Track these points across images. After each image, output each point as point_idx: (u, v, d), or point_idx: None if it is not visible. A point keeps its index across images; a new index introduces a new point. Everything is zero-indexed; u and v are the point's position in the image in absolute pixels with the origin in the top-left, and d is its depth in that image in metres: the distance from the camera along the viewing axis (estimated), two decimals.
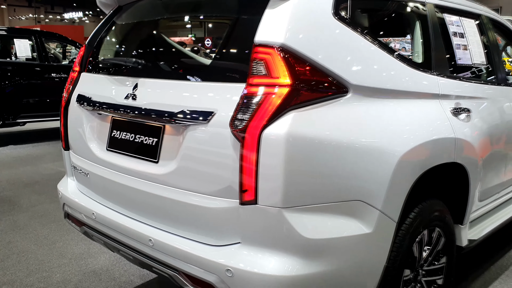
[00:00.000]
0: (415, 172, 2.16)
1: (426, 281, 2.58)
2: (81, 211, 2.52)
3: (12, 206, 4.87)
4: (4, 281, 3.26)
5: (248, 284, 1.80)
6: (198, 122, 1.90)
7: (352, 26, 2.04)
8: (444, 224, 2.56)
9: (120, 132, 2.32)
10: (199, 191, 1.92)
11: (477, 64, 2.99)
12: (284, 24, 1.82)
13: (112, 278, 3.30)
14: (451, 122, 2.47)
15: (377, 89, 2.08)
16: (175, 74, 2.26)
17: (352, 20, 2.07)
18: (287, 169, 1.72)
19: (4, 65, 7.90)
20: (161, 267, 2.09)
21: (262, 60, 1.78)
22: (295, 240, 1.78)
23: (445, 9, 2.84)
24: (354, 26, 2.06)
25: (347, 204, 1.91)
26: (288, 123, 1.73)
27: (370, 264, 2.06)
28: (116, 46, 2.74)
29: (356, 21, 2.11)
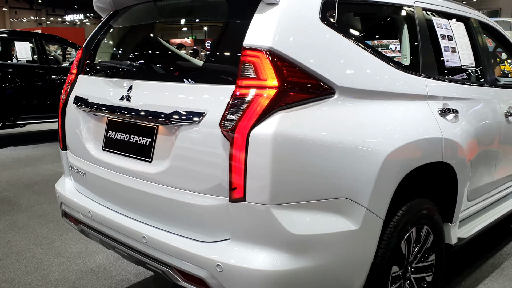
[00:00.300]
0: (401, 171, 2.23)
1: (415, 278, 2.64)
2: (77, 210, 2.59)
3: (12, 206, 4.95)
4: (3, 279, 3.32)
5: (237, 278, 1.86)
6: (189, 123, 1.97)
7: (339, 30, 2.11)
8: (433, 222, 2.61)
9: (116, 132, 2.38)
10: (191, 189, 1.99)
11: (465, 66, 3.05)
12: (272, 28, 1.89)
13: (109, 277, 3.36)
14: (438, 123, 2.53)
15: (364, 91, 2.14)
16: (168, 76, 2.34)
17: (339, 24, 2.13)
18: (274, 168, 1.79)
19: (4, 67, 7.98)
20: (154, 263, 2.16)
21: (250, 63, 1.85)
22: (283, 236, 1.84)
23: (434, 12, 2.90)
24: (341, 30, 2.12)
25: (333, 201, 1.97)
26: (275, 123, 1.80)
27: (357, 260, 2.12)
28: (112, 49, 2.81)
29: (343, 25, 2.17)
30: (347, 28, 2.21)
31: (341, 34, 2.11)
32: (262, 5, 1.95)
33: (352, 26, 2.36)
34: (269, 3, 1.94)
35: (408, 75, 2.45)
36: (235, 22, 2.11)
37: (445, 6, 3.07)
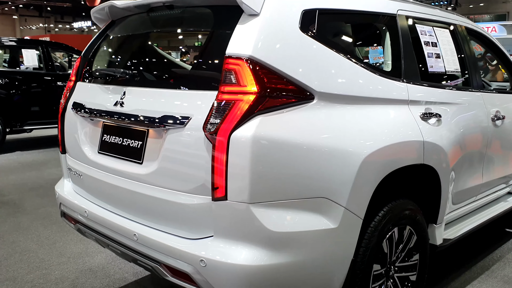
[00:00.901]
0: (380, 173, 2.33)
1: (399, 277, 2.73)
2: (75, 210, 2.72)
3: (17, 208, 5.10)
4: (6, 277, 3.46)
5: (219, 273, 1.97)
6: (176, 126, 2.09)
7: (319, 39, 2.22)
8: (415, 223, 2.70)
9: (110, 136, 2.51)
10: (177, 189, 2.11)
11: (450, 71, 3.14)
12: (253, 37, 2.01)
13: (107, 275, 3.49)
14: (419, 126, 2.62)
15: (343, 96, 2.25)
16: (157, 83, 2.46)
17: (319, 33, 2.25)
18: (253, 168, 1.90)
19: (12, 74, 8.19)
20: (144, 259, 2.28)
21: (232, 70, 1.97)
22: (262, 232, 1.95)
23: (418, 20, 3.00)
24: (321, 39, 2.23)
25: (311, 200, 2.08)
26: (254, 126, 1.92)
27: (337, 257, 2.22)
28: (108, 57, 2.94)
29: (324, 34, 2.28)
30: (328, 37, 2.32)
31: (321, 42, 2.22)
32: (244, 16, 2.07)
33: (333, 34, 2.47)
34: (251, 15, 2.06)
35: (388, 81, 2.55)
36: (220, 32, 2.23)
37: (430, 13, 3.17)
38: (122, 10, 2.69)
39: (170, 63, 2.69)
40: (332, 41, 2.32)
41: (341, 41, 2.52)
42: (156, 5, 2.49)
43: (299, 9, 2.20)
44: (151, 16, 2.60)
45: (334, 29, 2.53)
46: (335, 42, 2.35)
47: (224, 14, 2.17)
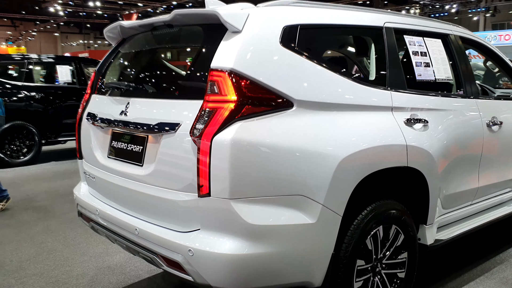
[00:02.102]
0: (358, 174, 2.51)
1: (387, 273, 2.89)
2: (88, 209, 3.02)
3: (47, 213, 5.49)
4: (34, 273, 3.80)
5: (205, 261, 2.21)
6: (169, 132, 2.36)
7: (299, 52, 2.45)
8: (401, 222, 2.86)
9: (117, 142, 2.81)
10: (170, 187, 2.37)
11: (441, 79, 3.29)
12: (234, 52, 2.26)
13: (123, 272, 3.78)
14: (402, 131, 2.79)
15: (321, 103, 2.46)
16: (155, 93, 2.74)
17: (300, 46, 2.47)
18: (232, 167, 2.14)
19: (48, 89, 8.73)
20: (144, 251, 2.54)
21: (215, 82, 2.23)
22: (241, 225, 2.18)
23: (406, 32, 3.18)
24: (301, 51, 2.46)
25: (289, 197, 2.29)
26: (234, 131, 2.16)
27: (316, 250, 2.42)
28: (117, 71, 3.24)
29: (305, 47, 2.51)
30: (309, 50, 2.54)
31: (301, 55, 2.45)
32: (228, 33, 2.33)
33: (314, 47, 2.68)
34: (234, 32, 2.32)
35: (371, 89, 2.74)
36: (208, 47, 2.48)
37: (420, 25, 3.34)
38: (129, 29, 2.99)
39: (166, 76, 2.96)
40: (313, 54, 2.53)
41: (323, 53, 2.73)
42: (158, 24, 2.78)
43: (280, 26, 2.44)
44: (154, 34, 2.89)
45: (316, 43, 2.74)
46: (316, 54, 2.56)
47: (212, 32, 2.42)
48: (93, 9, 34.26)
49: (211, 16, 2.37)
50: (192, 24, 2.64)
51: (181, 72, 2.82)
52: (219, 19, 2.31)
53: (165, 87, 2.80)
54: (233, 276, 2.23)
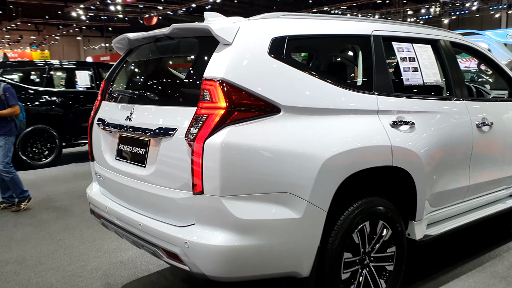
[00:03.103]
0: (343, 172, 2.71)
1: (375, 266, 3.08)
2: (99, 207, 3.28)
3: (66, 212, 5.81)
4: (52, 267, 4.09)
5: (198, 251, 2.45)
6: (168, 136, 2.60)
7: (287, 61, 2.66)
8: (388, 218, 3.05)
9: (124, 145, 3.06)
10: (169, 186, 2.61)
11: (429, 83, 3.46)
12: (225, 63, 2.50)
13: (134, 267, 4.04)
14: (388, 133, 2.98)
15: (308, 108, 2.67)
16: (156, 101, 2.99)
17: (288, 56, 2.69)
18: (222, 168, 2.37)
19: (67, 94, 9.12)
20: (147, 244, 2.78)
21: (207, 90, 2.46)
22: (231, 219, 2.41)
23: (395, 39, 3.36)
24: (289, 61, 2.68)
25: (276, 194, 2.51)
26: (224, 134, 2.39)
27: (302, 243, 2.63)
28: (124, 79, 3.51)
29: (291, 56, 2.73)
30: (295, 59, 2.75)
31: (288, 64, 2.66)
32: (219, 46, 2.57)
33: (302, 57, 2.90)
34: (225, 44, 2.55)
35: (356, 94, 2.94)
36: (202, 58, 2.72)
37: (409, 31, 3.52)
38: (135, 41, 3.25)
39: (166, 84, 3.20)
40: (299, 62, 2.75)
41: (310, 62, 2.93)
42: (160, 36, 3.03)
43: (268, 37, 2.66)
44: (157, 45, 3.14)
45: (304, 52, 2.95)
46: (301, 62, 2.78)
47: (206, 44, 2.65)
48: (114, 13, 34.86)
49: (204, 30, 2.61)
50: (189, 37, 2.89)
51: (179, 80, 3.06)
52: (211, 33, 2.55)
53: (164, 94, 3.05)
54: (225, 266, 2.46)
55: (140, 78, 3.40)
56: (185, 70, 2.89)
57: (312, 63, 3.01)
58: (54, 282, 3.80)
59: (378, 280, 3.09)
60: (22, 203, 5.94)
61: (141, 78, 3.40)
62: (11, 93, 5.74)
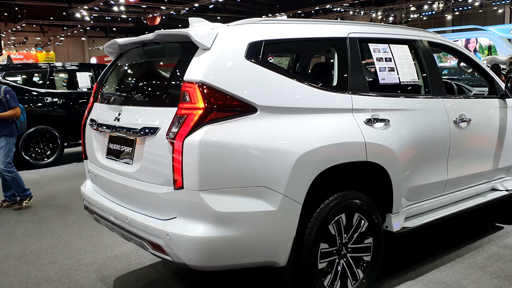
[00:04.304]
0: (316, 167, 2.87)
1: (353, 256, 3.25)
2: (92, 203, 3.47)
3: (67, 210, 6.02)
4: (50, 261, 4.29)
5: (180, 243, 2.63)
6: (151, 135, 2.78)
7: (263, 64, 2.83)
8: (364, 211, 3.21)
9: (113, 144, 3.25)
10: (153, 182, 2.79)
11: (405, 81, 3.61)
12: (204, 66, 2.67)
13: (128, 260, 4.24)
14: (361, 130, 3.14)
15: (283, 108, 2.84)
16: (141, 102, 3.17)
17: (264, 59, 2.87)
18: (200, 164, 2.55)
19: (69, 95, 9.34)
20: (134, 237, 2.97)
21: (187, 92, 2.64)
22: (209, 212, 2.59)
23: (371, 40, 3.52)
24: (265, 64, 2.85)
25: (253, 188, 2.68)
26: (202, 133, 2.56)
27: (278, 234, 2.80)
28: (114, 82, 3.69)
29: (268, 60, 2.90)
30: (271, 62, 2.93)
31: (264, 67, 2.84)
32: (199, 50, 2.74)
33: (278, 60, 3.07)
34: (204, 49, 2.73)
35: (331, 94, 3.10)
36: (183, 62, 2.88)
37: (386, 33, 3.67)
38: (124, 45, 3.44)
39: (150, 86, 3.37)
40: (275, 65, 2.92)
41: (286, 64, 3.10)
42: (146, 41, 3.21)
43: (245, 42, 2.83)
44: (144, 50, 3.32)
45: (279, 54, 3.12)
46: (277, 65, 2.95)
47: (187, 49, 2.82)
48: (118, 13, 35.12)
49: (184, 36, 2.79)
50: (172, 42, 3.07)
51: (162, 83, 3.24)
52: (190, 38, 2.72)
53: (149, 96, 3.23)
54: (204, 256, 2.64)
55: (128, 80, 3.59)
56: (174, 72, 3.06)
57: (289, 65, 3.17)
58: (52, 275, 3.99)
59: (355, 270, 3.26)
60: (24, 201, 6.15)
61: (128, 81, 3.58)
62: (12, 95, 5.94)
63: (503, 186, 4.55)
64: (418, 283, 3.60)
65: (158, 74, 3.34)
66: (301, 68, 3.50)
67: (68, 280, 3.87)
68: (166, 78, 3.14)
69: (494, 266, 3.87)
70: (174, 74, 2.98)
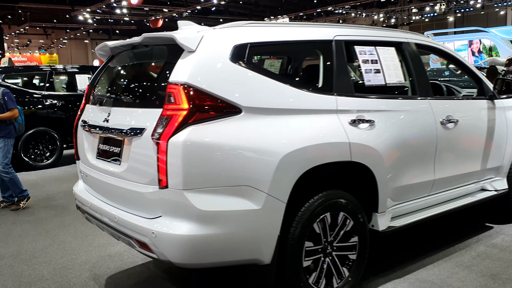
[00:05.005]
0: (300, 167, 2.93)
1: (338, 255, 3.30)
2: (83, 203, 3.54)
3: (63, 210, 6.10)
4: (44, 260, 4.37)
5: (164, 241, 2.69)
6: (138, 135, 2.85)
7: (248, 66, 2.90)
8: (349, 210, 3.27)
9: (103, 145, 3.32)
10: (139, 181, 2.86)
11: (391, 83, 3.67)
12: (188, 69, 2.74)
13: (121, 259, 4.31)
14: (346, 131, 3.19)
15: (268, 109, 2.90)
16: (129, 103, 3.24)
17: (249, 61, 2.93)
18: (184, 163, 2.61)
19: (68, 97, 9.43)
20: (123, 236, 3.03)
21: (172, 93, 2.71)
22: (193, 211, 2.65)
23: (357, 43, 3.57)
24: (250, 66, 2.91)
25: (236, 188, 2.74)
26: (186, 133, 2.63)
27: (263, 232, 2.86)
28: (105, 84, 3.76)
29: (253, 62, 2.96)
30: (257, 64, 2.99)
31: (249, 69, 2.90)
32: (184, 53, 2.81)
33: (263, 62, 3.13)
34: (189, 51, 2.80)
35: (315, 95, 3.16)
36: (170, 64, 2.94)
37: (373, 35, 3.73)
38: (115, 48, 3.51)
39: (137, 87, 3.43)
40: (261, 67, 2.99)
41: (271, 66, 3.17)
42: (136, 44, 3.29)
43: (230, 45, 2.90)
44: (134, 52, 3.40)
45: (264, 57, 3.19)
46: (263, 67, 3.01)
47: (174, 51, 2.89)
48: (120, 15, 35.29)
49: (170, 39, 2.86)
50: (159, 44, 3.14)
51: (149, 84, 3.31)
52: (175, 41, 2.79)
53: (136, 97, 3.30)
54: (189, 253, 2.71)
55: (117, 82, 3.66)
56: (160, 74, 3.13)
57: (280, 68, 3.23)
58: (46, 274, 4.06)
59: (341, 268, 3.31)
60: (21, 202, 6.24)
61: (118, 83, 3.65)
62: (10, 97, 6.03)
63: (492, 186, 4.60)
64: (404, 282, 3.66)
65: (145, 76, 3.41)
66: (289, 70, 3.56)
67: (61, 279, 3.94)
68: (153, 80, 3.21)
69: (481, 265, 3.92)
70: (160, 76, 3.04)
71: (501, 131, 4.56)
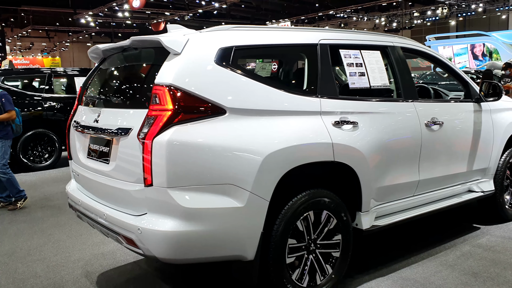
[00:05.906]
0: (283, 166, 3.01)
1: (321, 252, 3.39)
2: (74, 201, 3.64)
3: (59, 210, 6.20)
4: (39, 258, 4.46)
5: (149, 237, 2.78)
6: (124, 135, 2.95)
7: (232, 68, 2.99)
8: (332, 209, 3.36)
9: (93, 144, 3.42)
10: (126, 180, 2.96)
11: (376, 86, 3.75)
12: (173, 70, 2.84)
13: (113, 257, 4.40)
14: (329, 132, 3.28)
15: (252, 110, 3.00)
16: (117, 104, 3.34)
17: (234, 64, 3.03)
18: (168, 162, 2.71)
19: (66, 99, 9.55)
20: (111, 232, 3.13)
21: (157, 94, 2.81)
22: (177, 208, 2.74)
23: (342, 46, 3.67)
24: (235, 68, 3.00)
25: (220, 186, 2.84)
26: (170, 133, 2.73)
27: (246, 229, 2.94)
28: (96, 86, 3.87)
29: (239, 64, 3.06)
30: (242, 66, 3.09)
31: (234, 71, 2.99)
32: (170, 55, 2.91)
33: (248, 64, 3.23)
34: (174, 54, 2.90)
35: (299, 97, 3.25)
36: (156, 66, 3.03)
37: (358, 39, 3.82)
38: (106, 51, 3.62)
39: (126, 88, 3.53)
40: (246, 69, 3.08)
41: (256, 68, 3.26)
42: (125, 46, 3.39)
43: (215, 48, 3.00)
44: (123, 55, 3.50)
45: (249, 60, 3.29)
46: (248, 70, 3.11)
47: (160, 54, 2.99)
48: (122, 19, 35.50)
49: (156, 42, 2.96)
50: (147, 47, 3.24)
51: (137, 85, 3.40)
52: (162, 44, 2.89)
53: (124, 98, 3.40)
54: (173, 249, 2.80)
55: (108, 84, 3.76)
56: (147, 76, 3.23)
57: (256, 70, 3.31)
58: (39, 271, 4.16)
59: (324, 265, 3.39)
60: (18, 202, 6.34)
61: (108, 84, 3.76)
62: (7, 99, 6.14)
63: (478, 187, 4.68)
64: (388, 280, 3.74)
65: (134, 78, 3.50)
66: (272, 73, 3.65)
67: (54, 276, 4.04)
68: (140, 81, 3.30)
69: (464, 264, 4.00)
70: (147, 78, 3.14)
71: (487, 133, 4.64)
